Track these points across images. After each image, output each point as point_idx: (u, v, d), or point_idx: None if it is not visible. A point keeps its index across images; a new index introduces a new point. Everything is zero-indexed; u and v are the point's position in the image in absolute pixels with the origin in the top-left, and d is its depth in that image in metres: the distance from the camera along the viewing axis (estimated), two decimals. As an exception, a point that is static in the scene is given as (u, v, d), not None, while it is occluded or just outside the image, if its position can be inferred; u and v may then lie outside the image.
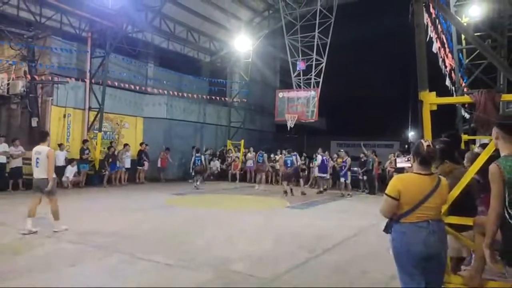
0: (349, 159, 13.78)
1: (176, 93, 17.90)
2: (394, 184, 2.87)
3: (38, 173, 6.51)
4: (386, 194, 2.86)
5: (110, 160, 14.19)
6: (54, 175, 6.81)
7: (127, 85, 16.17)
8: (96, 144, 14.73)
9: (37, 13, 13.63)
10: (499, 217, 2.59)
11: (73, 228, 6.70)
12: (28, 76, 13.48)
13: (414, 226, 2.77)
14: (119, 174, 14.77)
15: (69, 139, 14.31)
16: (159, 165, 16.46)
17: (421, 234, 2.74)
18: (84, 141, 14.09)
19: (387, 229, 2.96)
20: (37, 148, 6.62)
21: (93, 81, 15.05)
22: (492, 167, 2.67)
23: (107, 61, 14.89)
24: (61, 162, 12.60)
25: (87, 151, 13.81)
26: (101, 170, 14.29)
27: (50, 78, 13.83)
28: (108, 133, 15.92)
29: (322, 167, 14.73)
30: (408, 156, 10.03)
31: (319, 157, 14.77)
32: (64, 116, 14.25)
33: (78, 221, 7.28)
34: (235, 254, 5.57)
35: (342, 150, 14.68)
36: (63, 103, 14.19)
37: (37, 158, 6.49)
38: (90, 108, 15.06)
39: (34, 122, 13.67)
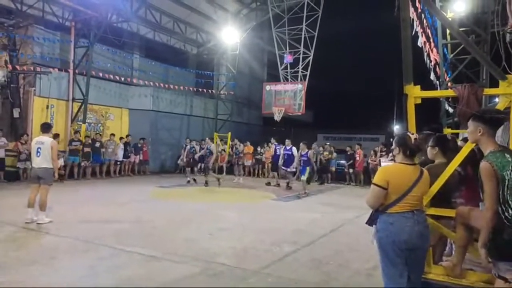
0: (310, 152, 12.00)
1: (162, 84, 17.69)
2: (382, 173, 2.91)
3: (39, 162, 6.61)
4: (374, 184, 2.88)
5: (89, 150, 13.89)
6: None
7: (112, 76, 15.89)
8: (80, 136, 14.48)
9: (18, 0, 13.22)
10: (496, 215, 2.59)
11: (56, 221, 6.61)
12: (9, 66, 13.12)
13: (401, 217, 2.81)
14: (105, 166, 14.58)
15: (52, 131, 14.02)
16: (140, 157, 16.20)
17: (407, 225, 2.79)
18: (76, 132, 13.87)
19: (370, 221, 2.99)
20: (39, 138, 6.81)
21: (77, 71, 14.73)
22: (485, 166, 2.64)
23: (91, 51, 14.60)
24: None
25: (77, 143, 13.53)
26: (81, 163, 14.00)
27: (32, 68, 13.47)
28: (93, 124, 15.67)
29: (288, 160, 12.64)
30: (391, 156, 10.06)
31: (289, 148, 12.80)
32: (47, 107, 13.94)
33: (61, 214, 7.17)
34: (220, 247, 5.59)
35: (302, 143, 11.91)
36: (46, 94, 13.87)
37: (39, 148, 6.62)
38: (74, 99, 14.75)
39: (16, 113, 13.35)
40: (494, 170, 2.59)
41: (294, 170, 12.62)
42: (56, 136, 12.46)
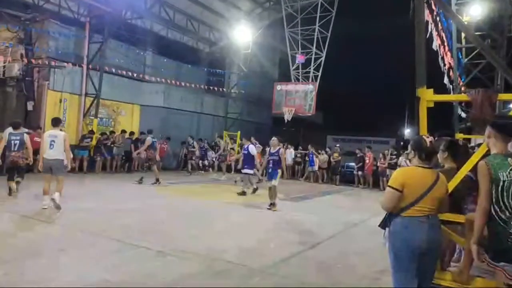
0: (283, 150, 9.14)
1: (174, 81, 17.80)
2: (398, 175, 2.89)
3: (52, 154, 7.00)
4: (390, 186, 2.85)
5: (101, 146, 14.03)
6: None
7: (124, 72, 16.04)
8: (94, 134, 14.62)
9: (35, -5, 13.46)
10: (487, 213, 2.64)
11: (64, 213, 6.70)
12: (25, 59, 13.34)
13: (416, 220, 2.77)
14: (115, 161, 14.72)
15: (64, 124, 14.20)
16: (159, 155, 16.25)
17: (423, 229, 2.75)
18: (90, 131, 14.04)
19: (384, 224, 2.97)
20: (51, 131, 7.24)
21: (90, 66, 14.92)
22: (480, 164, 2.73)
23: (105, 47, 14.76)
24: None
25: (88, 140, 13.70)
26: (94, 156, 14.18)
27: (47, 62, 13.68)
28: (104, 119, 15.83)
29: (246, 160, 10.73)
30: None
31: (246, 147, 10.90)
32: (60, 101, 14.16)
33: (69, 206, 7.26)
34: (226, 244, 5.59)
35: (274, 137, 9.20)
36: (59, 88, 14.09)
37: (52, 141, 7.01)
38: (86, 94, 14.96)
39: (29, 106, 13.57)
40: (488, 169, 2.65)
41: (251, 172, 10.58)
42: (37, 127, 12.39)
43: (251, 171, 10.67)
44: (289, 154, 14.08)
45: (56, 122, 7.40)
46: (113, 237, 5.47)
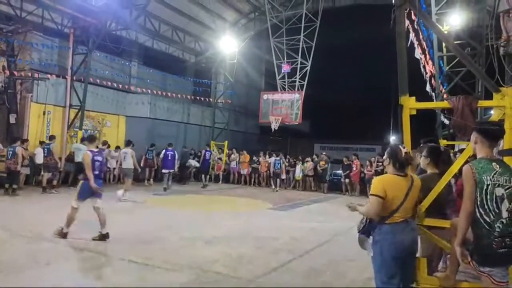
0: (86, 155, 6.21)
1: (160, 92, 17.72)
2: (378, 183, 2.98)
3: (125, 164, 10.98)
4: (373, 195, 2.92)
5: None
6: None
7: (109, 83, 15.89)
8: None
9: (17, 7, 13.27)
10: (470, 216, 2.68)
11: (50, 228, 6.55)
12: (7, 71, 13.12)
13: (399, 226, 2.89)
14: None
15: (47, 137, 13.94)
16: (141, 165, 16.01)
17: (406, 233, 2.89)
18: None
19: (364, 231, 3.04)
20: (124, 149, 11.51)
21: (74, 78, 14.75)
22: (465, 168, 2.79)
23: (90, 58, 14.61)
24: (41, 160, 12.03)
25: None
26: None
27: (30, 74, 13.47)
28: (89, 131, 15.61)
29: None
30: None
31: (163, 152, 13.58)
32: (44, 113, 13.90)
33: (55, 220, 7.11)
34: (215, 255, 5.56)
35: (91, 136, 7.30)
36: (43, 100, 13.86)
37: (125, 156, 11.02)
38: (71, 106, 14.74)
39: (12, 119, 13.31)
40: (472, 173, 2.70)
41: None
42: (25, 140, 11.98)
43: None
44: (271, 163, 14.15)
45: (128, 143, 11.55)
46: (100, 251, 5.40)
